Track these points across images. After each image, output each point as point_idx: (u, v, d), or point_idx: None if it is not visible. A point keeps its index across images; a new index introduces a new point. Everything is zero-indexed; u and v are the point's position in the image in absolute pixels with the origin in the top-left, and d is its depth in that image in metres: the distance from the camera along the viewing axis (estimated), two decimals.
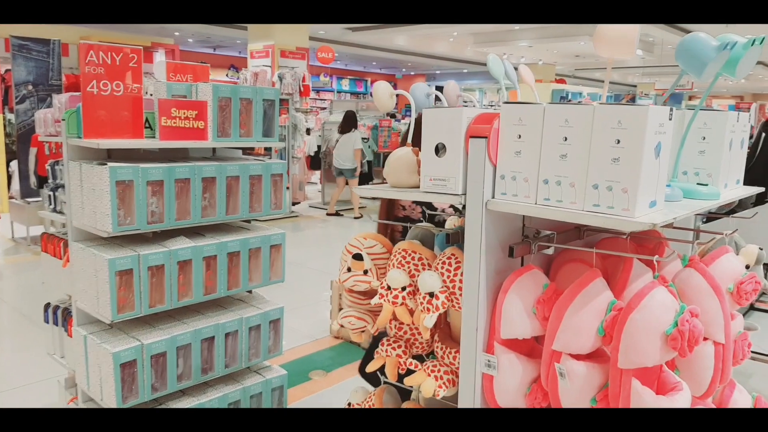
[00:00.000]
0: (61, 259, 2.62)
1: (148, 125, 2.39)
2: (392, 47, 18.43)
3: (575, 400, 1.50)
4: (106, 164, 2.13)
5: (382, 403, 2.07)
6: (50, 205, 2.93)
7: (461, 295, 1.65)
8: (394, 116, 12.75)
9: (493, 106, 1.89)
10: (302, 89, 10.57)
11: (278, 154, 9.62)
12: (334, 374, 4.04)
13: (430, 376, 1.78)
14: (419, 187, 1.67)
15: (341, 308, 2.05)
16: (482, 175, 1.54)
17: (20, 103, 7.46)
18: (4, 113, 8.83)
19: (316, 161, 11.40)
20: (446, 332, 1.92)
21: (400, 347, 1.90)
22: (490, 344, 1.62)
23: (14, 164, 7.80)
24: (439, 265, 1.74)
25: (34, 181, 6.67)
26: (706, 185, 1.71)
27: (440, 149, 1.59)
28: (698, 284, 1.60)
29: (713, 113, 1.75)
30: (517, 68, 2.03)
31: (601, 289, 1.48)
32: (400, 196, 1.77)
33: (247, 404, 2.65)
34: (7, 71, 8.53)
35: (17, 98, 7.44)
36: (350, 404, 2.16)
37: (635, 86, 26.73)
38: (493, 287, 1.62)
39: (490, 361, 1.60)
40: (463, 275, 1.63)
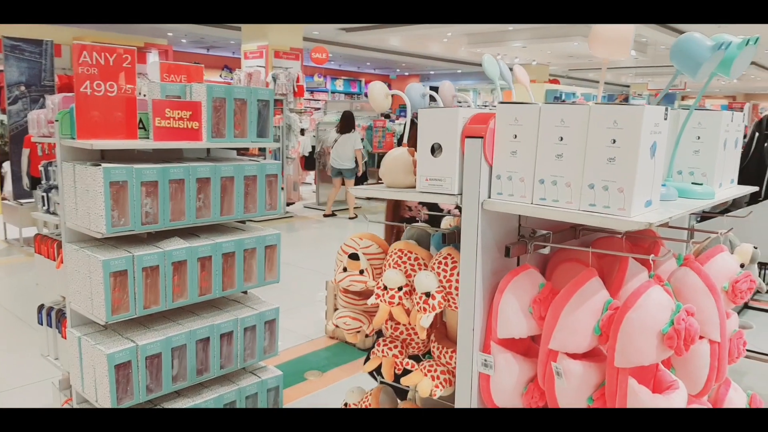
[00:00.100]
0: (54, 260, 2.60)
1: (141, 126, 2.38)
2: (386, 48, 18.45)
3: (572, 399, 1.50)
4: (99, 165, 2.11)
5: (378, 403, 2.07)
6: (43, 206, 2.92)
7: (457, 294, 1.66)
8: (388, 117, 12.75)
9: (487, 106, 1.89)
10: (296, 90, 10.56)
11: (272, 154, 9.60)
12: (329, 374, 4.03)
13: (426, 376, 1.79)
14: (415, 187, 1.67)
15: (336, 309, 2.04)
16: (478, 175, 1.54)
17: (12, 104, 7.43)
18: None
19: (310, 162, 11.38)
20: (442, 332, 1.92)
21: (396, 347, 1.90)
22: (486, 344, 1.62)
23: (7, 165, 7.76)
24: (435, 265, 1.74)
25: (26, 182, 6.63)
26: (700, 185, 1.72)
27: (436, 149, 1.59)
28: (694, 283, 1.60)
29: (708, 113, 1.76)
30: (512, 68, 2.03)
31: (597, 288, 1.49)
32: (395, 196, 1.77)
33: (242, 405, 2.64)
34: None
35: (9, 99, 7.41)
36: (347, 404, 2.16)
37: (628, 86, 26.84)
38: (489, 287, 1.62)
39: (486, 360, 1.60)
40: (459, 275, 1.63)
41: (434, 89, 2.03)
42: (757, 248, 1.93)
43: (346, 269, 1.89)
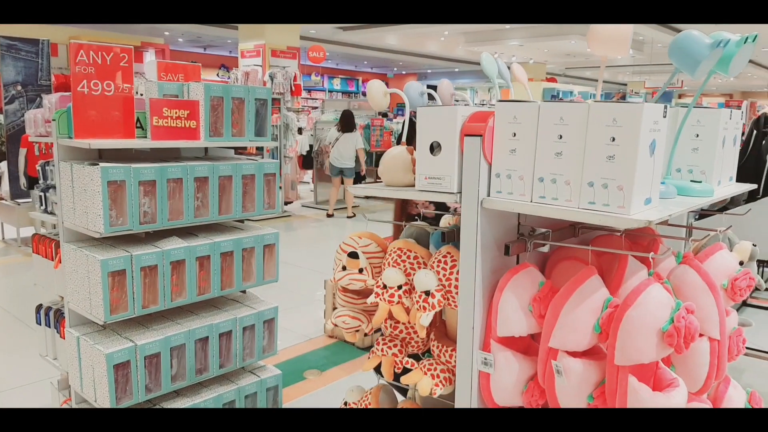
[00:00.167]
0: (52, 260, 2.59)
1: (139, 125, 2.37)
2: (383, 46, 18.43)
3: (572, 397, 1.50)
4: (97, 164, 2.11)
5: (378, 402, 2.07)
6: (41, 206, 2.90)
7: (457, 293, 1.65)
8: (386, 115, 12.73)
9: (484, 104, 1.89)
10: (293, 89, 10.54)
11: (270, 153, 9.59)
12: (328, 374, 4.03)
13: (426, 374, 1.78)
14: (414, 185, 1.67)
15: (335, 307, 2.04)
16: (477, 173, 1.54)
17: (9, 103, 7.40)
18: None
19: (308, 161, 11.37)
20: (442, 331, 1.92)
21: (396, 346, 1.90)
22: (486, 342, 1.62)
23: (3, 165, 7.73)
24: (434, 263, 1.74)
25: (24, 182, 6.62)
26: (699, 182, 1.72)
27: (435, 148, 1.59)
28: (693, 281, 1.60)
29: (706, 111, 1.76)
30: (509, 67, 2.03)
31: (596, 286, 1.49)
32: (394, 194, 1.76)
33: (241, 404, 2.64)
34: None
35: (6, 99, 7.38)
36: (346, 403, 2.16)
37: (625, 84, 26.86)
38: (489, 285, 1.62)
39: (486, 359, 1.60)
40: (458, 273, 1.63)
41: (431, 88, 2.03)
42: (756, 246, 1.93)
43: (345, 268, 1.89)
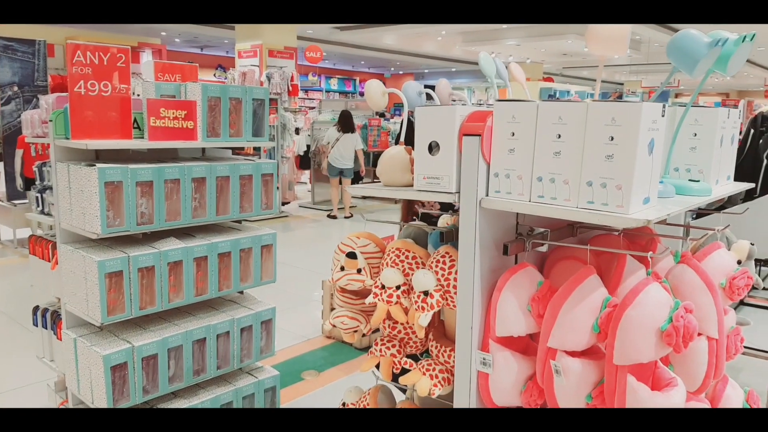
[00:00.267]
0: (49, 261, 2.58)
1: (136, 125, 2.36)
2: (381, 46, 18.43)
3: (571, 397, 1.50)
4: (94, 165, 2.10)
5: (376, 402, 2.06)
6: (38, 206, 2.90)
7: (456, 293, 1.65)
8: (383, 115, 12.73)
9: (482, 104, 1.89)
10: (291, 89, 10.54)
11: (267, 153, 9.58)
12: (326, 374, 4.02)
13: (425, 375, 1.78)
14: (412, 185, 1.67)
15: (333, 308, 2.04)
16: (476, 173, 1.54)
17: (5, 104, 7.38)
18: None
19: (305, 161, 11.35)
20: (441, 331, 1.91)
21: (394, 346, 1.90)
22: (485, 342, 1.62)
23: (0, 166, 7.71)
24: (433, 263, 1.74)
25: (20, 182, 6.60)
26: (698, 181, 1.72)
27: (433, 147, 1.58)
28: (691, 280, 1.60)
29: (704, 110, 1.76)
30: (507, 66, 2.03)
31: (595, 285, 1.49)
32: (393, 194, 1.76)
33: (239, 405, 2.63)
34: None
35: (2, 99, 7.36)
36: (345, 404, 2.15)
37: (622, 84, 26.92)
38: (487, 285, 1.61)
39: (485, 359, 1.60)
40: (457, 273, 1.63)
41: (429, 88, 2.03)
42: (753, 245, 1.93)
43: (343, 268, 1.88)
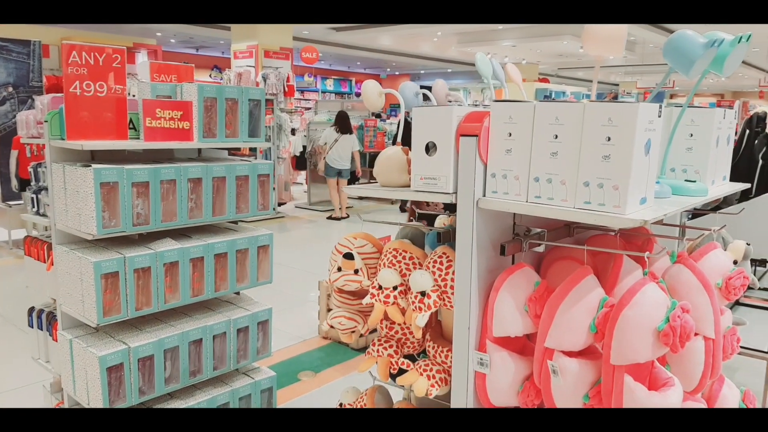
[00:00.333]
0: (45, 262, 2.57)
1: (132, 126, 2.36)
2: (377, 47, 18.43)
3: (568, 397, 1.50)
4: (90, 166, 2.09)
5: (373, 403, 2.06)
6: (33, 207, 2.88)
7: (453, 293, 1.65)
8: (379, 116, 12.73)
9: (477, 105, 1.89)
10: (287, 89, 10.51)
11: (263, 154, 9.56)
12: (323, 375, 4.02)
13: (422, 375, 1.78)
14: (410, 186, 1.67)
15: (329, 309, 2.04)
16: (473, 173, 1.54)
17: (0, 105, 7.35)
18: None
19: (301, 161, 11.35)
20: (438, 331, 1.91)
21: (391, 347, 1.90)
22: (482, 342, 1.62)
23: None
24: (430, 264, 1.74)
25: (15, 183, 6.57)
26: (694, 182, 1.72)
27: (431, 148, 1.58)
28: (688, 280, 1.61)
29: (700, 110, 1.77)
30: (504, 67, 2.03)
31: (592, 286, 1.49)
32: (390, 195, 1.76)
33: (236, 406, 2.62)
34: None
35: None
36: (341, 404, 2.15)
37: (617, 85, 26.99)
38: (484, 285, 1.61)
39: (482, 359, 1.60)
40: (454, 274, 1.63)
41: (425, 88, 2.03)
42: (749, 245, 1.94)
43: (340, 269, 1.88)
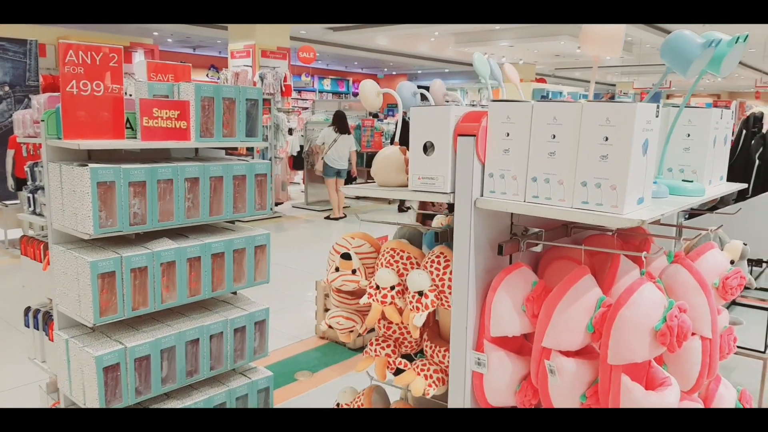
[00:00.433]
0: (41, 262, 2.57)
1: (129, 126, 2.35)
2: (374, 47, 18.42)
3: (565, 396, 1.50)
4: (86, 165, 2.09)
5: (371, 403, 2.06)
6: (29, 207, 2.87)
7: (450, 293, 1.65)
8: (376, 116, 12.73)
9: (474, 105, 1.89)
10: (284, 89, 10.51)
11: (260, 154, 9.55)
12: (320, 375, 4.02)
13: (419, 375, 1.78)
14: (407, 185, 1.67)
15: (327, 309, 2.03)
16: (471, 173, 1.54)
17: None
18: None
19: (298, 161, 11.33)
20: (435, 331, 1.91)
21: (389, 346, 1.89)
22: (479, 342, 1.62)
23: None
24: (428, 263, 1.73)
25: (11, 183, 6.56)
26: (691, 182, 1.73)
27: (428, 148, 1.58)
28: (685, 280, 1.61)
29: (698, 111, 1.77)
30: (501, 67, 2.03)
31: (589, 285, 1.49)
32: (387, 195, 1.76)
33: (232, 406, 2.62)
34: None
35: None
36: (339, 404, 2.15)
37: (614, 85, 27.04)
38: (482, 285, 1.61)
39: (479, 359, 1.60)
40: (452, 273, 1.63)
41: (422, 88, 2.03)
42: (746, 245, 1.94)
43: (338, 269, 1.88)
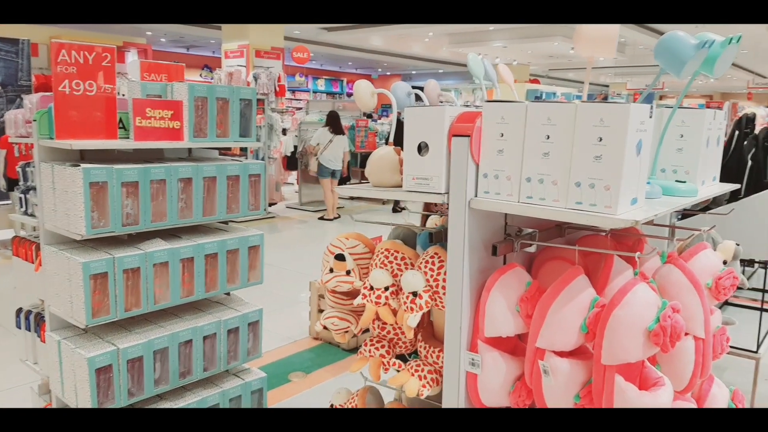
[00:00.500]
0: (33, 263, 2.55)
1: (122, 125, 2.34)
2: (368, 47, 18.42)
3: (559, 397, 1.51)
4: (79, 165, 2.08)
5: (365, 404, 2.05)
6: (21, 207, 2.85)
7: (445, 294, 1.65)
8: (370, 116, 12.72)
9: (468, 106, 1.89)
10: (278, 89, 10.48)
11: (254, 154, 9.53)
12: (313, 375, 4.01)
13: (413, 375, 1.78)
14: (402, 186, 1.66)
15: (320, 309, 2.03)
16: (465, 173, 1.54)
17: None
18: None
19: (292, 162, 11.31)
20: (429, 331, 1.91)
21: (383, 347, 1.89)
22: (473, 343, 1.62)
23: None
24: (422, 264, 1.73)
25: (3, 183, 6.52)
26: (684, 182, 1.73)
27: (423, 148, 1.58)
28: (678, 280, 1.61)
29: (691, 111, 1.77)
30: (495, 67, 2.03)
31: (583, 286, 1.49)
32: (382, 195, 1.76)
33: (226, 407, 2.61)
34: None
35: None
36: (332, 405, 2.14)
37: (607, 86, 27.13)
38: (476, 286, 1.61)
39: (473, 359, 1.60)
40: (446, 274, 1.63)
41: (416, 89, 2.02)
42: (739, 245, 1.95)
43: (332, 270, 1.87)
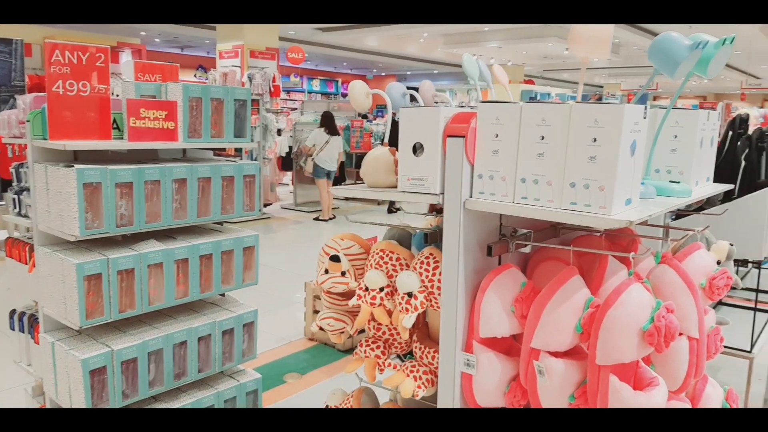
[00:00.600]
0: (26, 264, 2.54)
1: (116, 126, 2.34)
2: (363, 48, 18.41)
3: (554, 397, 1.51)
4: (72, 166, 2.07)
5: (360, 404, 2.05)
6: (15, 208, 2.84)
7: (440, 294, 1.65)
8: (365, 117, 12.72)
9: (463, 106, 1.89)
10: (272, 90, 10.47)
11: (248, 155, 9.52)
12: (308, 377, 4.00)
13: (408, 376, 1.78)
14: (397, 187, 1.66)
15: (316, 310, 2.03)
16: (460, 174, 1.54)
17: None
18: None
19: (287, 162, 11.30)
20: (425, 332, 1.91)
21: (378, 348, 1.89)
22: (468, 343, 1.62)
23: None
24: (417, 264, 1.73)
25: None
26: (678, 183, 1.74)
27: (418, 149, 1.58)
28: (672, 280, 1.62)
29: (685, 112, 1.78)
30: (490, 68, 2.03)
31: (578, 286, 1.49)
32: (377, 196, 1.76)
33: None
34: None
35: None
36: (328, 406, 2.14)
37: (602, 87, 27.22)
38: (471, 286, 1.61)
39: (468, 360, 1.60)
40: (441, 275, 1.63)
41: (411, 89, 2.03)
42: (733, 245, 1.96)
43: (327, 271, 1.87)
